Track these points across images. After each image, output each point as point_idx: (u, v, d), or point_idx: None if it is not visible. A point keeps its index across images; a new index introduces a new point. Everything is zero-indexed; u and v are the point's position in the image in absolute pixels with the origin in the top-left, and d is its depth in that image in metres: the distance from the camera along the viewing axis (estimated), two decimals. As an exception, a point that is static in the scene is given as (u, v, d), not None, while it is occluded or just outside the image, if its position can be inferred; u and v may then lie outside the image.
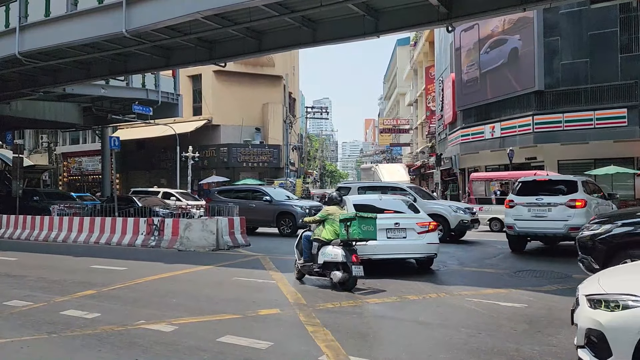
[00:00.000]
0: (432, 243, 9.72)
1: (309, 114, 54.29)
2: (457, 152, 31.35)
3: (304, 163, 54.55)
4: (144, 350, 5.37)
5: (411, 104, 64.28)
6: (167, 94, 28.10)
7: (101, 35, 14.47)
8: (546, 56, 23.60)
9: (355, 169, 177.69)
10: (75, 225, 16.42)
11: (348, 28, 13.52)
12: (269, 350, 5.26)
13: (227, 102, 38.99)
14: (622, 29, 21.92)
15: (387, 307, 7.17)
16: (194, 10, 12.42)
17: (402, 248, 9.53)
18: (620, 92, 21.81)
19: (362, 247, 8.87)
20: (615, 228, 7.22)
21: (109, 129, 34.15)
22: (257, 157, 39.38)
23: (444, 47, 36.95)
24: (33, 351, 5.46)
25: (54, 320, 6.60)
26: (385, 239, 9.38)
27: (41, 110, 27.68)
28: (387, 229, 9.39)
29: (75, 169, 46.35)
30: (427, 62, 48.86)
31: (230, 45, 15.63)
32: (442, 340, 5.66)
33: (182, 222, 14.31)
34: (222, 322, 6.42)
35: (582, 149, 23.01)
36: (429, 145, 47.61)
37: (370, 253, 9.21)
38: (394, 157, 76.76)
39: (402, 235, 9.50)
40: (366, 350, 5.22)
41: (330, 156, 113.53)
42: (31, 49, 15.88)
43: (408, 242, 9.50)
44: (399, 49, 73.51)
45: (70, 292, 8.35)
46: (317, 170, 76.82)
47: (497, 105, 26.67)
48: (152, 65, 17.74)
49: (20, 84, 21.11)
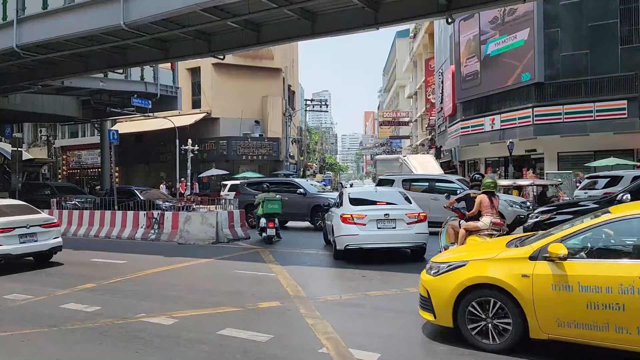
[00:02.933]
0: (421, 233, 10.07)
1: (308, 107, 54.13)
2: (457, 145, 31.31)
3: (303, 156, 54.46)
4: (144, 343, 5.38)
5: (411, 97, 64.15)
6: (166, 87, 27.99)
7: (99, 28, 14.38)
8: (546, 48, 23.52)
9: (355, 162, 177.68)
10: (75, 218, 16.43)
11: (347, 20, 13.45)
12: (269, 343, 5.28)
13: (226, 94, 38.87)
14: (622, 20, 21.83)
15: (387, 300, 7.18)
16: (192, 3, 12.34)
17: (392, 238, 9.91)
18: (620, 83, 21.74)
19: (354, 237, 9.77)
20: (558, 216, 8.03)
21: (108, 122, 34.08)
22: (256, 150, 39.30)
23: (444, 39, 36.81)
24: (34, 344, 5.48)
25: (55, 314, 6.61)
26: (376, 229, 9.88)
27: (40, 103, 27.58)
28: (378, 220, 9.89)
29: (74, 163, 46.30)
30: (426, 54, 48.69)
31: (229, 37, 15.55)
32: (441, 332, 5.67)
33: (181, 216, 14.32)
34: (222, 314, 6.43)
35: (582, 141, 22.98)
36: (429, 137, 47.58)
37: (361, 243, 9.88)
38: (393, 150, 76.70)
39: (392, 225, 9.91)
40: (366, 343, 5.23)
41: (330, 149, 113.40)
42: (29, 41, 15.79)
43: (397, 232, 9.88)
44: (399, 41, 73.26)
45: (70, 286, 8.36)
46: (317, 163, 76.78)
47: (497, 97, 26.60)
48: (150, 58, 17.66)
49: (18, 77, 21.01)
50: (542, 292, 4.70)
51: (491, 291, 4.92)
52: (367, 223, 9.86)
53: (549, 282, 4.68)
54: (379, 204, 10.43)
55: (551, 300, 4.67)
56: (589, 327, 4.53)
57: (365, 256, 10.28)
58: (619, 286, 4.40)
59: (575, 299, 4.57)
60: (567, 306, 4.61)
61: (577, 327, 4.58)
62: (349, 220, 9.94)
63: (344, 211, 10.28)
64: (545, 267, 4.74)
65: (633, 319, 4.35)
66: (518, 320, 4.77)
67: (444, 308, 5.16)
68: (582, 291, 4.54)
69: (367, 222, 9.86)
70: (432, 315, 5.29)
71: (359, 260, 10.09)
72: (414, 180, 16.24)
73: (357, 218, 9.89)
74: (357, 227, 9.86)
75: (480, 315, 4.97)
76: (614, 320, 4.41)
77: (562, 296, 4.62)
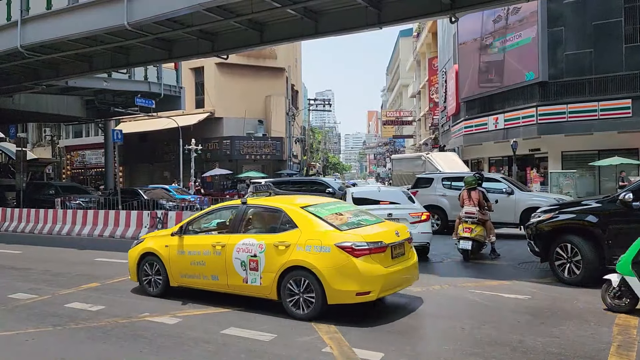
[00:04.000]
0: (425, 232, 10.11)
1: (311, 106, 54.13)
2: (460, 144, 31.24)
3: (306, 155, 54.47)
4: (149, 342, 5.39)
5: (414, 96, 64.05)
6: (170, 87, 28.04)
7: (103, 28, 14.40)
8: (550, 46, 23.43)
9: (358, 161, 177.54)
10: (79, 218, 16.48)
11: (350, 19, 13.43)
12: (273, 342, 5.28)
13: (229, 94, 38.90)
14: (626, 18, 21.71)
15: (391, 299, 7.17)
16: (195, 2, 12.35)
17: None
18: (624, 82, 21.63)
19: None
20: (560, 215, 7.90)
21: (112, 122, 34.15)
22: (260, 150, 39.34)
23: (447, 38, 36.72)
24: (38, 343, 5.49)
25: (59, 313, 6.64)
26: None
27: (44, 103, 27.68)
28: None
29: (78, 162, 46.44)
30: (430, 54, 48.61)
31: (232, 37, 15.56)
32: (445, 331, 5.67)
33: (185, 215, 14.33)
34: (225, 314, 6.44)
35: (586, 140, 22.89)
36: (432, 137, 47.49)
37: None
38: (397, 149, 76.60)
39: None
40: (369, 342, 5.23)
41: (333, 148, 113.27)
42: (33, 42, 15.84)
43: None
44: (402, 40, 73.13)
45: (74, 285, 8.39)
46: (320, 162, 76.77)
47: (500, 96, 26.53)
48: (154, 57, 17.68)
49: (22, 77, 21.08)
50: (173, 256, 7.22)
51: (152, 256, 7.49)
52: None
53: (175, 249, 7.21)
54: (382, 203, 10.44)
55: (176, 261, 7.18)
56: (193, 277, 7.06)
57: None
58: (203, 250, 6.91)
59: (186, 259, 7.08)
60: (183, 264, 7.12)
61: (189, 277, 7.11)
62: None
63: None
64: (175, 240, 7.27)
65: (209, 270, 6.83)
66: (165, 275, 7.36)
67: (132, 267, 7.75)
68: (189, 254, 7.07)
69: None
70: (130, 275, 7.87)
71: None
72: (456, 178, 14.97)
73: None
74: None
75: (147, 272, 7.54)
76: (201, 271, 6.93)
77: (181, 258, 7.14)
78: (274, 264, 6.19)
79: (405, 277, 6.42)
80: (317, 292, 5.91)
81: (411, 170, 21.26)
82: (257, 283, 6.36)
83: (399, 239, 6.37)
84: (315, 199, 7.55)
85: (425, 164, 20.81)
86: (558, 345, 5.07)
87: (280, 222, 6.55)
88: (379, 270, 5.89)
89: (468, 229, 9.88)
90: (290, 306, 6.10)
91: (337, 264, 5.85)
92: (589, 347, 5.00)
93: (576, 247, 7.52)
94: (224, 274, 6.64)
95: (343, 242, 5.88)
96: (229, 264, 6.56)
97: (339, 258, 5.84)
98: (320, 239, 6.02)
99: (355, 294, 5.82)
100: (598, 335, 5.36)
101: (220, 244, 6.68)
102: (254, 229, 6.88)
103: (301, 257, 6.02)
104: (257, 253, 6.35)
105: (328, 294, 5.86)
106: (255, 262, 6.35)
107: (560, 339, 5.24)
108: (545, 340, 5.21)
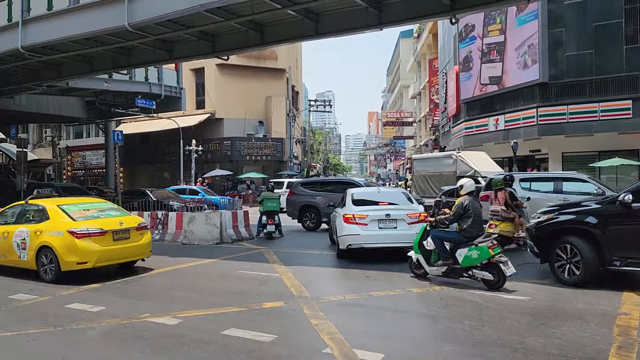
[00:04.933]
0: None
1: (312, 107, 54.14)
2: (461, 145, 31.17)
3: (307, 156, 54.49)
4: (149, 343, 5.40)
5: (415, 97, 64.02)
6: (170, 88, 28.07)
7: (104, 29, 14.44)
8: (550, 47, 23.43)
9: (359, 162, 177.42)
10: (80, 219, 16.53)
11: (351, 20, 13.45)
12: (273, 343, 5.29)
13: (230, 95, 38.94)
14: (627, 19, 21.70)
15: (391, 300, 7.18)
16: (196, 4, 12.38)
17: (393, 238, 10.01)
18: (625, 83, 21.62)
19: (356, 237, 9.98)
20: (560, 216, 7.90)
21: (113, 122, 34.18)
22: (260, 151, 39.36)
23: (448, 39, 36.71)
24: (39, 344, 5.50)
25: (60, 314, 6.64)
26: (377, 229, 10.01)
27: (45, 104, 27.71)
28: (379, 220, 10.03)
29: (79, 163, 46.48)
30: (430, 55, 48.60)
31: (233, 38, 15.58)
32: (445, 332, 5.67)
33: (185, 216, 14.34)
34: (226, 315, 6.44)
35: (587, 141, 22.87)
36: (433, 138, 47.47)
37: (363, 242, 10.02)
38: (397, 150, 76.62)
39: (393, 225, 10.05)
40: (370, 343, 5.23)
41: (334, 149, 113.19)
42: (34, 43, 15.87)
43: (398, 232, 9.97)
44: (403, 41, 73.08)
45: (75, 286, 8.39)
46: (321, 163, 76.78)
47: (501, 97, 26.53)
48: (155, 58, 17.70)
49: (23, 78, 21.11)
50: None
51: None
52: (368, 223, 9.97)
53: None
54: (381, 204, 10.53)
55: None
56: None
57: (369, 256, 10.30)
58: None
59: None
60: None
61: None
62: (351, 220, 10.06)
63: (347, 211, 10.38)
64: None
65: (1, 251, 9.38)
66: None
67: None
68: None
69: (368, 222, 9.97)
70: None
71: (362, 260, 10.12)
72: (534, 179, 13.74)
73: (359, 218, 10.02)
74: (359, 227, 9.97)
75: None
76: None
77: None
78: (34, 244, 8.88)
79: (125, 254, 9.15)
80: (55, 263, 8.63)
81: (439, 170, 20.54)
82: (25, 258, 9.04)
83: (122, 227, 9.06)
84: (79, 199, 10.51)
85: (456, 163, 19.99)
86: (558, 346, 5.07)
87: (42, 216, 9.27)
88: (95, 247, 8.60)
89: (493, 225, 10.24)
90: (42, 273, 8.78)
91: (66, 244, 8.56)
92: (589, 348, 5.00)
93: (576, 248, 7.52)
94: (8, 253, 9.33)
95: (72, 229, 8.60)
96: (10, 245, 9.24)
97: (68, 239, 8.57)
98: (59, 227, 8.77)
99: (76, 263, 8.53)
100: (598, 336, 5.36)
101: (7, 231, 9.40)
102: (27, 221, 9.45)
103: (47, 239, 8.74)
104: (25, 237, 9.07)
105: (61, 264, 8.54)
106: (24, 243, 9.06)
107: (560, 340, 5.24)
108: (545, 341, 5.22)
